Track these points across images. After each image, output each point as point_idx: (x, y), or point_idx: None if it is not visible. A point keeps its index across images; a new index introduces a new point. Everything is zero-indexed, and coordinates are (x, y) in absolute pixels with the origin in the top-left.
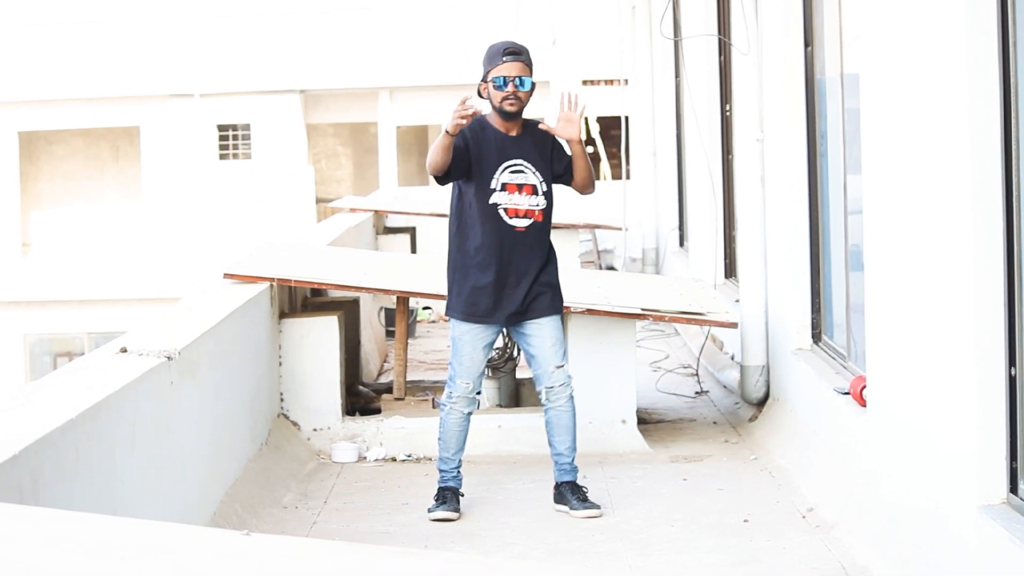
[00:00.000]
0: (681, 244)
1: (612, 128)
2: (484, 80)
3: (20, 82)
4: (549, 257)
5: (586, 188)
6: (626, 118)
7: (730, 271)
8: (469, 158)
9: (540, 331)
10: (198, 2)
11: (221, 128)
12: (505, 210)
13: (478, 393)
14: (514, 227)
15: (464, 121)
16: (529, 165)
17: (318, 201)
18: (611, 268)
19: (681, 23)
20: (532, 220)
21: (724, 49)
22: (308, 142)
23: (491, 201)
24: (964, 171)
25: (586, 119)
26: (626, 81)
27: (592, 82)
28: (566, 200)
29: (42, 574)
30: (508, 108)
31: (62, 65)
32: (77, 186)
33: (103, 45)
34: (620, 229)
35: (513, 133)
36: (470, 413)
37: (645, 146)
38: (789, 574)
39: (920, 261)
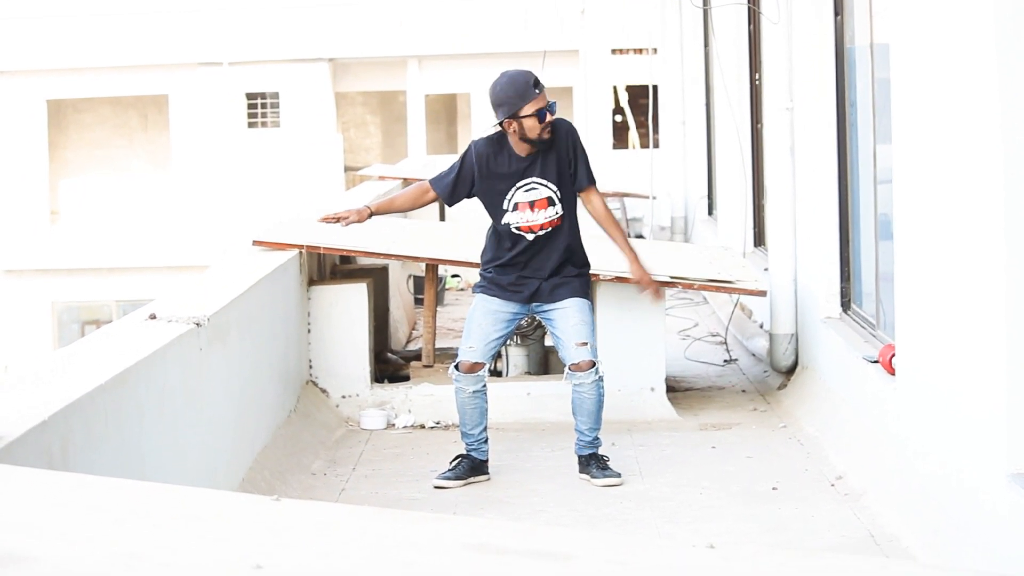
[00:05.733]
0: (710, 213)
1: (641, 97)
2: (514, 117)
3: (48, 50)
4: (574, 249)
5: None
6: (655, 87)
7: (759, 239)
8: (471, 188)
9: (563, 313)
10: None
11: (250, 96)
12: (519, 227)
13: (479, 364)
14: (529, 239)
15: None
16: (543, 181)
17: (347, 169)
18: (640, 236)
19: None
20: (549, 229)
21: (754, 17)
22: (337, 110)
23: (503, 221)
24: (994, 139)
25: (615, 87)
26: (655, 50)
27: (621, 51)
28: (596, 169)
29: (73, 540)
30: (547, 136)
31: (90, 33)
32: (105, 154)
33: (132, 13)
34: (649, 198)
35: (533, 152)
36: (479, 392)
37: (674, 115)
38: (817, 542)
39: (950, 230)
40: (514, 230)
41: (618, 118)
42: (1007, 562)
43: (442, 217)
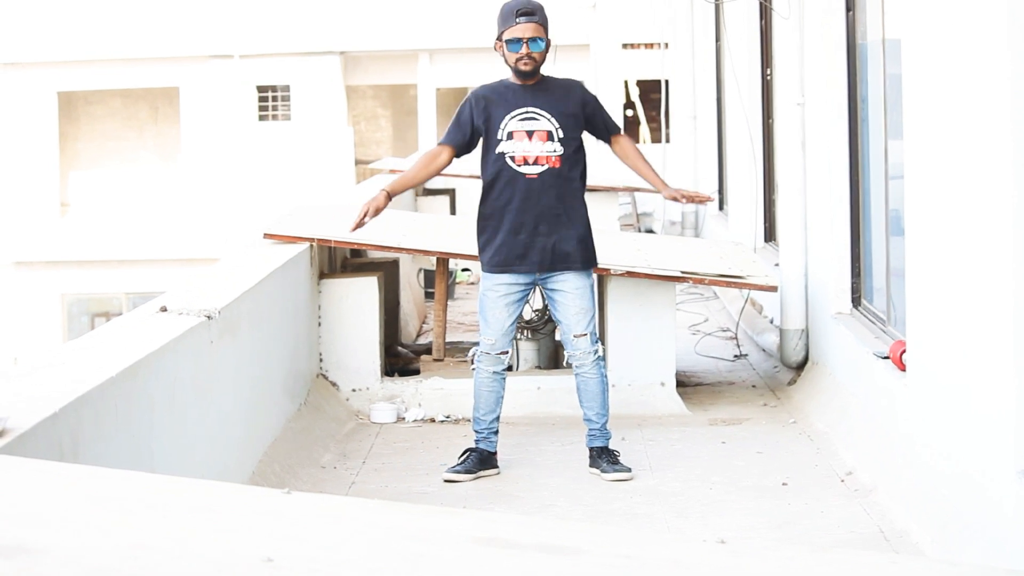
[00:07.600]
0: (720, 208)
1: (652, 91)
2: (499, 39)
3: (60, 42)
4: (573, 207)
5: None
6: (666, 82)
7: (770, 235)
8: (472, 130)
9: (565, 298)
10: None
11: (261, 89)
12: (512, 158)
13: (504, 353)
14: (525, 175)
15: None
16: (543, 112)
17: (357, 163)
18: (650, 231)
19: None
20: (547, 166)
21: (765, 13)
22: (348, 104)
23: (498, 151)
24: (1005, 135)
25: (626, 82)
26: (666, 45)
27: (632, 45)
28: (606, 163)
29: (82, 531)
30: (523, 68)
31: (101, 25)
32: (116, 147)
33: (143, 5)
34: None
35: (530, 83)
36: (499, 375)
37: (685, 110)
38: (827, 537)
39: (961, 226)
40: (508, 161)
41: (629, 112)
42: (1016, 557)
43: (453, 211)
